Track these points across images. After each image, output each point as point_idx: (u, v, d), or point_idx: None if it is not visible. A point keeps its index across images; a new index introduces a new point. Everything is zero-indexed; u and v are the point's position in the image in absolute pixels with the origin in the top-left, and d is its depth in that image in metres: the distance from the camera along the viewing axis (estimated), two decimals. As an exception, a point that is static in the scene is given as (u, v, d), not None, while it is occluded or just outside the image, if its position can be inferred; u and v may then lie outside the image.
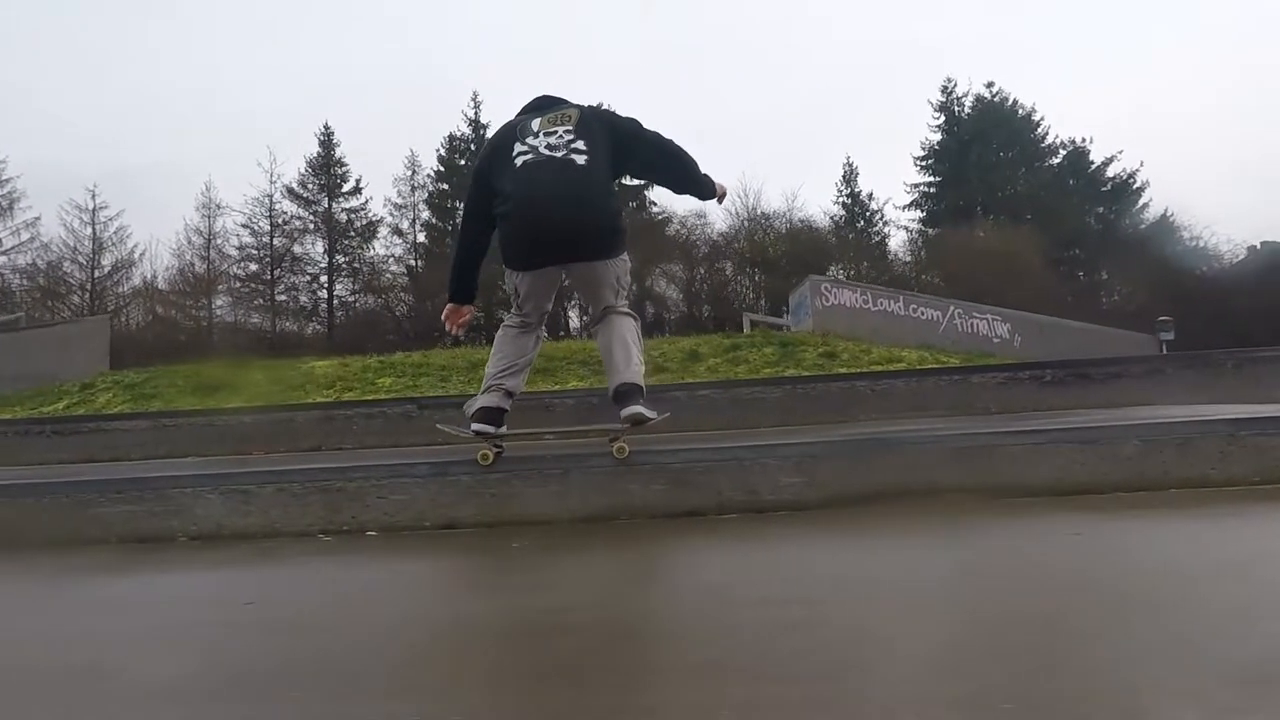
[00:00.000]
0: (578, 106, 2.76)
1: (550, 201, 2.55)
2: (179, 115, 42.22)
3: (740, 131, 39.95)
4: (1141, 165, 30.40)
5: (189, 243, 27.71)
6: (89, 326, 12.66)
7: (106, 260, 26.62)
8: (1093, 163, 31.15)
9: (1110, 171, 30.84)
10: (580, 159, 2.59)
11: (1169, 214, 29.02)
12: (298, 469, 2.61)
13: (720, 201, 3.07)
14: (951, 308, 13.42)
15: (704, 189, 2.92)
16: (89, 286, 25.71)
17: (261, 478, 2.60)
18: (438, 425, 2.95)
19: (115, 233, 26.85)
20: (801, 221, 28.69)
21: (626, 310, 2.80)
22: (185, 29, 44.00)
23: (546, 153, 2.59)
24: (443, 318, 2.90)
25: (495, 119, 32.59)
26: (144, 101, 41.74)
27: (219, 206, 28.04)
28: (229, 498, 2.59)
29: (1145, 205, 30.22)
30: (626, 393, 2.57)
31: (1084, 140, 31.11)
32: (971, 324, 12.85)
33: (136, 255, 26.99)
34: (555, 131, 2.64)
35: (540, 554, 2.29)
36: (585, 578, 2.10)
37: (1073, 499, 2.46)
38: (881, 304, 12.24)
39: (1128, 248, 29.00)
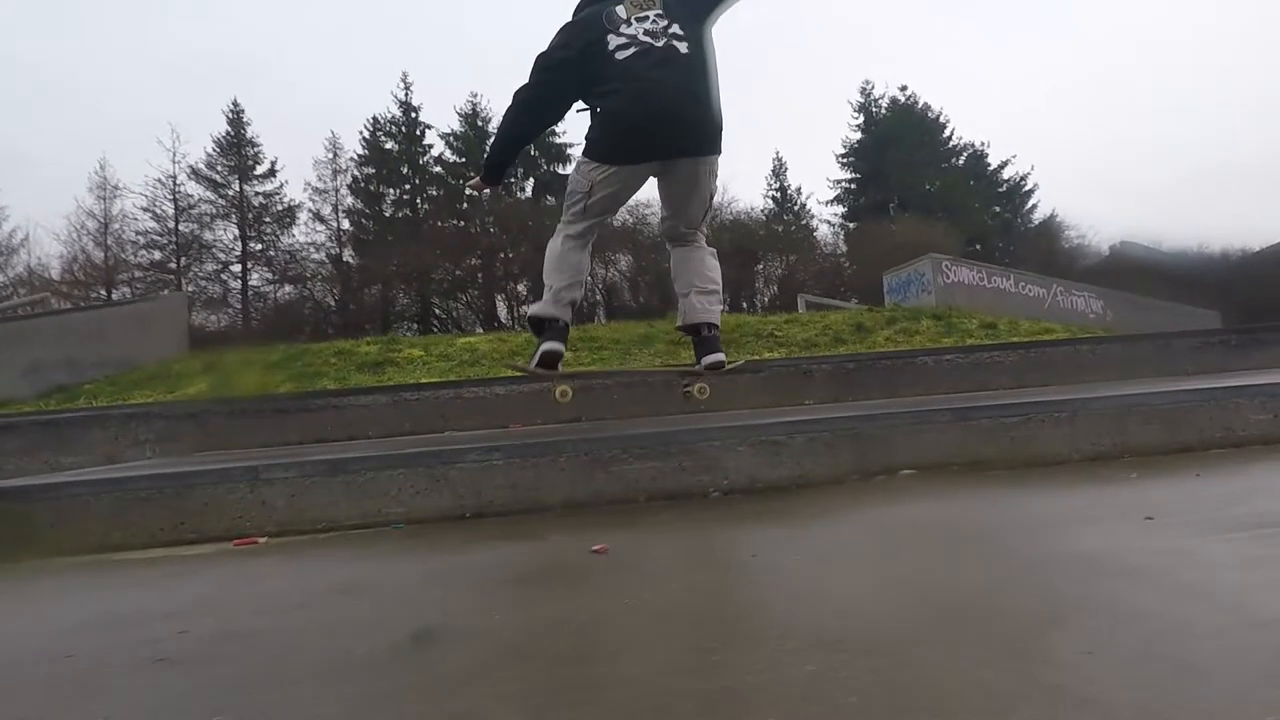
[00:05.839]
0: None
1: (663, 96, 2.43)
2: (53, 87, 37.47)
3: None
4: (1032, 169, 33.61)
5: (83, 227, 24.83)
6: (165, 304, 11.21)
7: (-20, 246, 23.38)
8: (990, 165, 33.99)
9: (1006, 174, 33.78)
10: (682, 46, 2.46)
11: (1055, 215, 32.24)
12: (824, 419, 2.57)
13: None
14: (1054, 285, 14.31)
15: None
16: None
17: (791, 428, 2.54)
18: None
19: (-11, 215, 23.63)
20: (745, 213, 29.47)
21: (710, 247, 2.74)
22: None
23: (647, 40, 2.45)
24: (467, 185, 2.94)
25: (426, 101, 31.25)
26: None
27: (116, 188, 25.29)
28: (759, 449, 2.51)
29: (1035, 206, 33.39)
30: (711, 338, 2.59)
31: (983, 144, 33.94)
32: (1071, 300, 13.88)
33: (16, 241, 23.90)
34: (647, 16, 2.49)
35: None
36: None
37: None
38: (995, 281, 12.91)
39: (1022, 244, 31.94)
